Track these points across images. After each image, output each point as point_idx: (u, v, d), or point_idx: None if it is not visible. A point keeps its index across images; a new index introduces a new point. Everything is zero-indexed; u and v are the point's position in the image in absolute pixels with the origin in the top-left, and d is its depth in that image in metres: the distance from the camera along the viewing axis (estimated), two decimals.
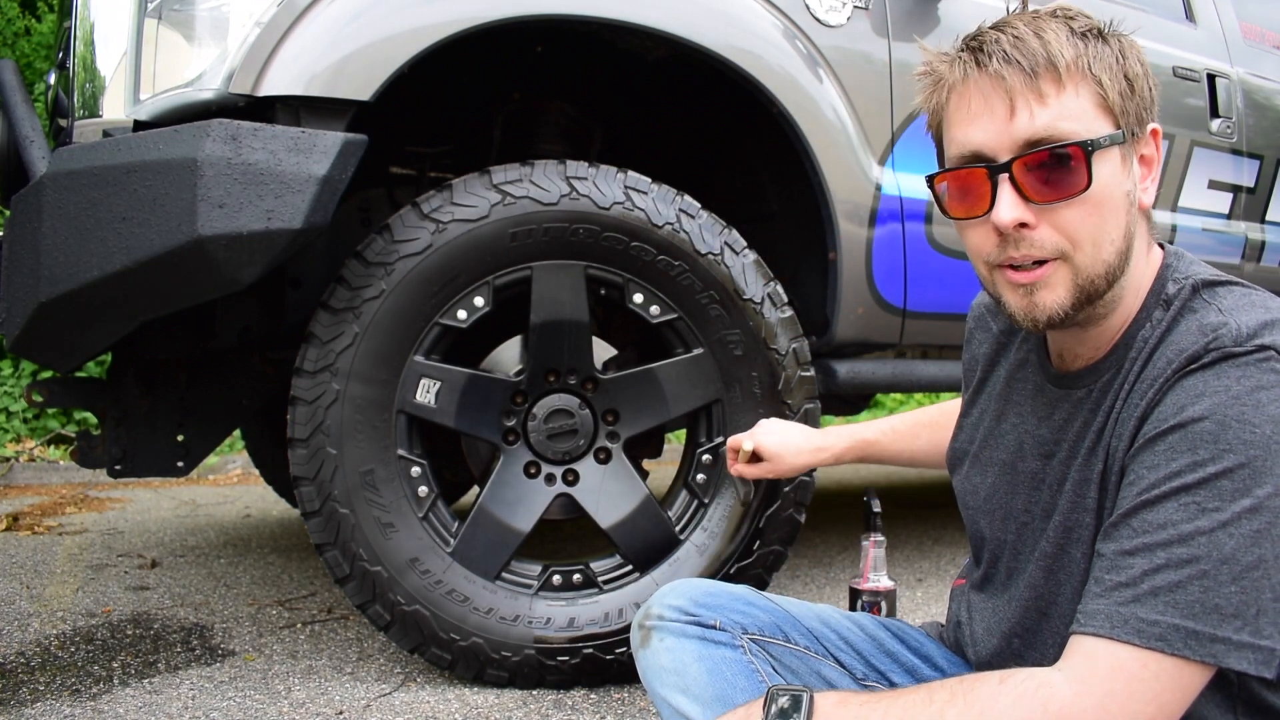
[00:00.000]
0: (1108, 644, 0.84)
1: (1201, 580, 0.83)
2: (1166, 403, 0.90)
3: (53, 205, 1.48)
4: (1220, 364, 0.88)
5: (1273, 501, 0.83)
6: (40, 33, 5.68)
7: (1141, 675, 0.83)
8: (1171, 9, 2.77)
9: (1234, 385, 0.86)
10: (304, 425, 1.67)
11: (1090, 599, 0.88)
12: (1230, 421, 0.85)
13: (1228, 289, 0.95)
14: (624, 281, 1.79)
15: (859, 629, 1.24)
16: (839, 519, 3.54)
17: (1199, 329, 0.91)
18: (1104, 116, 0.93)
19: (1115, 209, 0.93)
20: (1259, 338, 0.88)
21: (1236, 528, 0.83)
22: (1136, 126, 0.95)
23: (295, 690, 1.78)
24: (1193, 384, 0.88)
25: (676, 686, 1.11)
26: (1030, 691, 0.85)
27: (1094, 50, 0.93)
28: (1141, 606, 0.84)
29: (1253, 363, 0.87)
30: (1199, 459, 0.85)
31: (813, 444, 1.51)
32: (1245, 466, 0.83)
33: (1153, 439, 0.89)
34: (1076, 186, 0.91)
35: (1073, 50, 0.92)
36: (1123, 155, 0.94)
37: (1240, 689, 0.94)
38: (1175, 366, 0.90)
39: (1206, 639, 0.82)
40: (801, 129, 1.94)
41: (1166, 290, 0.97)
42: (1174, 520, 0.85)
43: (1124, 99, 0.94)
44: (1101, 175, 0.92)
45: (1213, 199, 2.69)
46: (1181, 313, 0.95)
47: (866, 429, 1.51)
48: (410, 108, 1.99)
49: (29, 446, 4.85)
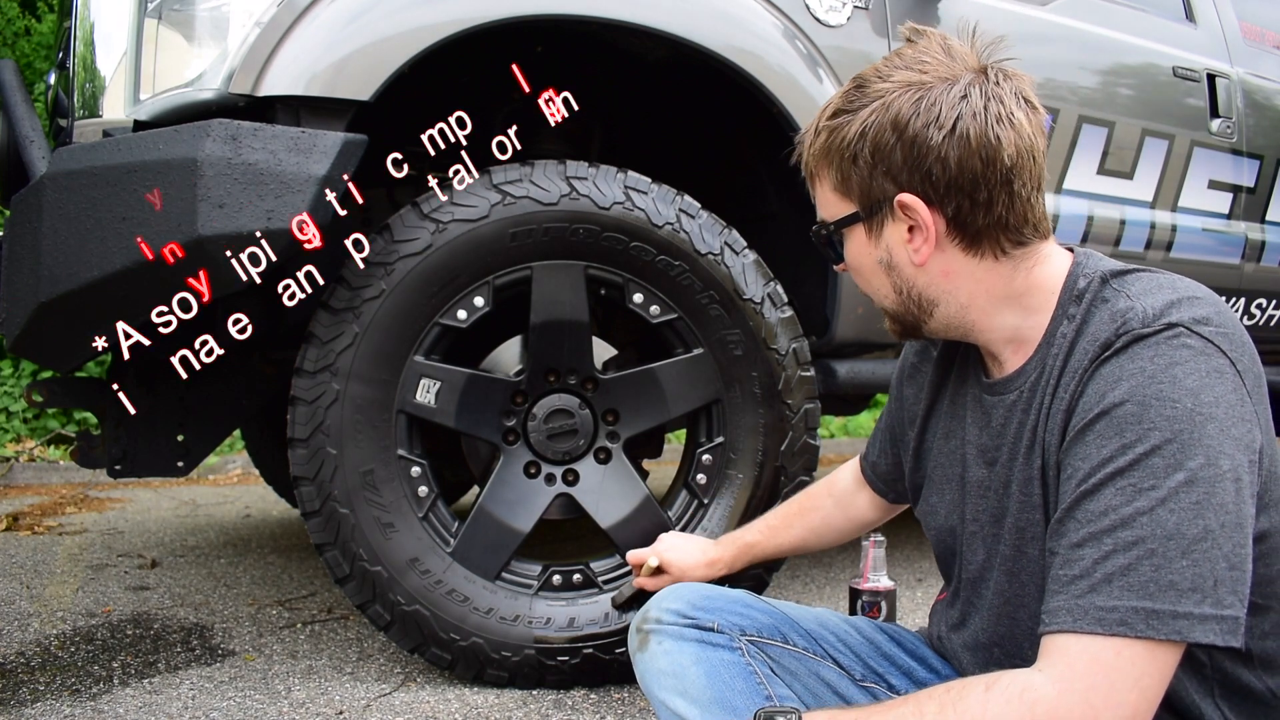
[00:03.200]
0: (1076, 638, 0.85)
1: (1150, 559, 0.84)
2: (1088, 392, 0.92)
3: (53, 205, 1.48)
4: (1132, 346, 0.90)
5: (1206, 471, 0.85)
6: (40, 33, 5.68)
7: (1117, 663, 0.84)
8: (1171, 9, 2.77)
9: (1148, 365, 0.88)
10: (304, 425, 1.67)
11: (1050, 596, 0.89)
12: (1150, 400, 0.87)
13: (1135, 276, 0.98)
14: (624, 281, 1.79)
15: (856, 632, 1.25)
16: None
17: (1109, 316, 0.94)
18: (843, 199, 1.05)
19: (873, 272, 1.07)
20: (1166, 316, 0.90)
21: (1175, 502, 0.84)
22: (881, 199, 1.01)
23: (295, 690, 1.78)
24: (1110, 370, 0.91)
25: (675, 689, 1.11)
26: (1016, 696, 0.85)
27: (835, 137, 1.02)
28: (1098, 595, 0.85)
29: (1163, 340, 0.89)
30: (1127, 441, 0.87)
31: (707, 557, 1.56)
32: (1172, 442, 0.85)
33: (1081, 430, 0.91)
34: (835, 259, 1.11)
35: (821, 141, 1.04)
36: (866, 229, 1.05)
37: (1213, 670, 0.95)
38: (1091, 356, 0.93)
39: (1168, 616, 0.83)
40: (801, 129, 1.94)
41: (1078, 286, 1.00)
42: (1114, 505, 0.86)
43: (852, 180, 1.03)
44: (849, 250, 1.08)
45: (1213, 199, 2.69)
46: (1094, 304, 0.97)
47: (748, 533, 1.56)
48: (410, 108, 1.99)
49: (29, 446, 4.85)
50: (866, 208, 1.03)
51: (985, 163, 0.96)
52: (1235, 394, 0.88)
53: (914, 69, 0.99)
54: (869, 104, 1.00)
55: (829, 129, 1.03)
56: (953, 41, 1.02)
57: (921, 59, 1.00)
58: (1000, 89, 0.98)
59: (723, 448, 1.86)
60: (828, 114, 1.04)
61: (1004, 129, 0.96)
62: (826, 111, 1.04)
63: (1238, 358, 0.90)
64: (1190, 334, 0.89)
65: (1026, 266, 1.02)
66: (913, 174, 0.98)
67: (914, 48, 1.02)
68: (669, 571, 1.56)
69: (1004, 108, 0.97)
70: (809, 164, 1.08)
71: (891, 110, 0.98)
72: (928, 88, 0.98)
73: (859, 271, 1.09)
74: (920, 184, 0.99)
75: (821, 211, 1.09)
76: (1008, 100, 0.97)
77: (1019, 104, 0.98)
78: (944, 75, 0.98)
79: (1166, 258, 2.57)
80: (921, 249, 1.01)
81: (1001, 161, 0.96)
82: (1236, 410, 0.87)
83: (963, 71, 0.98)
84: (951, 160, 0.96)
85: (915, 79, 0.98)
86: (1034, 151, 0.98)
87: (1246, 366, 0.90)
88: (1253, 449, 0.88)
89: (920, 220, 1.00)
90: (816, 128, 1.05)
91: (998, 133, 0.96)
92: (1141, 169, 2.52)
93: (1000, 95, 0.97)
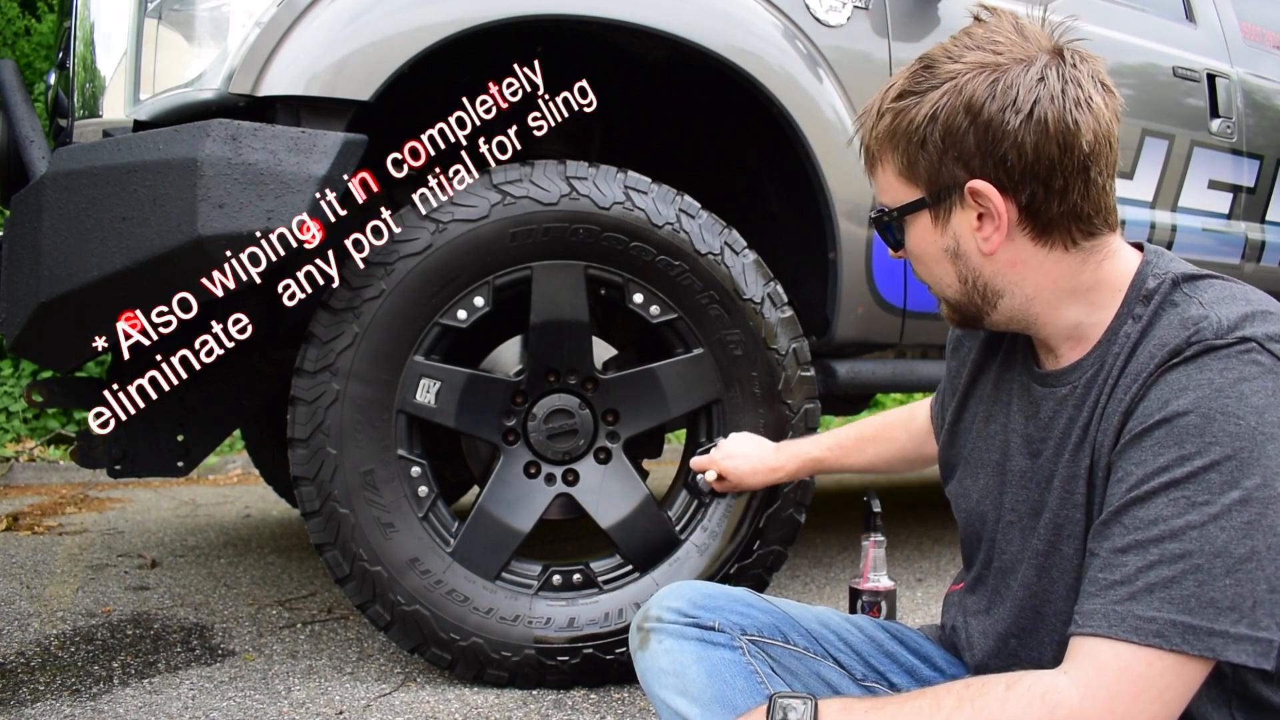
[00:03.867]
0: (1109, 644, 0.84)
1: (1195, 574, 0.83)
2: (1151, 397, 0.90)
3: (53, 205, 1.48)
4: (1202, 357, 0.88)
5: (1261, 492, 0.83)
6: (40, 33, 5.68)
7: (1146, 674, 0.83)
8: (1171, 9, 2.77)
9: (1217, 378, 0.86)
10: (304, 425, 1.67)
11: (1086, 599, 0.88)
12: (1215, 414, 0.85)
13: (1208, 283, 0.96)
14: (624, 281, 1.79)
15: (858, 630, 1.24)
16: (839, 519, 3.53)
17: (1180, 323, 0.92)
18: (908, 185, 1.01)
19: (937, 261, 1.04)
20: (1240, 330, 0.88)
21: (1227, 520, 0.83)
22: (950, 185, 0.98)
23: (295, 690, 1.78)
24: (1176, 378, 0.89)
25: (675, 688, 1.11)
26: (1038, 697, 0.84)
27: (902, 119, 0.98)
28: (1137, 604, 0.84)
29: (1234, 355, 0.87)
30: (1186, 453, 0.85)
31: (767, 465, 1.59)
32: (1232, 459, 0.84)
33: (1139, 434, 0.89)
34: (894, 245, 1.08)
35: (885, 124, 1.00)
36: (933, 216, 1.01)
37: (1235, 683, 0.94)
38: (1158, 361, 0.91)
39: (1204, 633, 0.82)
40: (801, 129, 1.94)
41: (1147, 286, 0.97)
42: (1164, 515, 0.85)
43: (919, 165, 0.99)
44: (911, 236, 1.04)
45: (1213, 199, 2.69)
46: (1162, 307, 0.95)
47: (814, 446, 1.57)
48: (410, 107, 1.99)
49: (29, 446, 4.85)
50: (934, 194, 0.99)
51: (1063, 148, 0.93)
52: None
53: (987, 49, 0.95)
54: (940, 85, 0.95)
55: (894, 111, 0.99)
56: (1025, 21, 0.98)
57: (994, 39, 0.96)
58: (1078, 71, 0.94)
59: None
60: (893, 95, 0.99)
61: (1082, 113, 0.93)
62: (891, 92, 1.00)
63: None
64: (1263, 351, 0.87)
65: (1096, 260, 0.99)
66: (986, 159, 0.95)
67: (984, 27, 0.98)
68: (729, 479, 1.60)
69: (1082, 91, 0.93)
70: (870, 146, 1.03)
71: (965, 92, 0.94)
72: (1003, 69, 0.94)
73: (921, 259, 1.05)
74: (994, 170, 0.95)
75: (882, 196, 1.05)
76: (1085, 83, 0.94)
77: (1096, 87, 0.94)
78: (1019, 56, 0.94)
79: None
80: (992, 238, 0.98)
81: (1080, 147, 0.93)
82: None
83: (1038, 53, 0.95)
84: (1028, 146, 0.93)
85: (989, 60, 0.94)
86: (1110, 137, 0.95)
87: None
88: None
89: (992, 208, 0.96)
90: (879, 109, 1.01)
91: (1076, 117, 0.93)
92: (1141, 169, 2.52)
93: (1078, 78, 0.94)
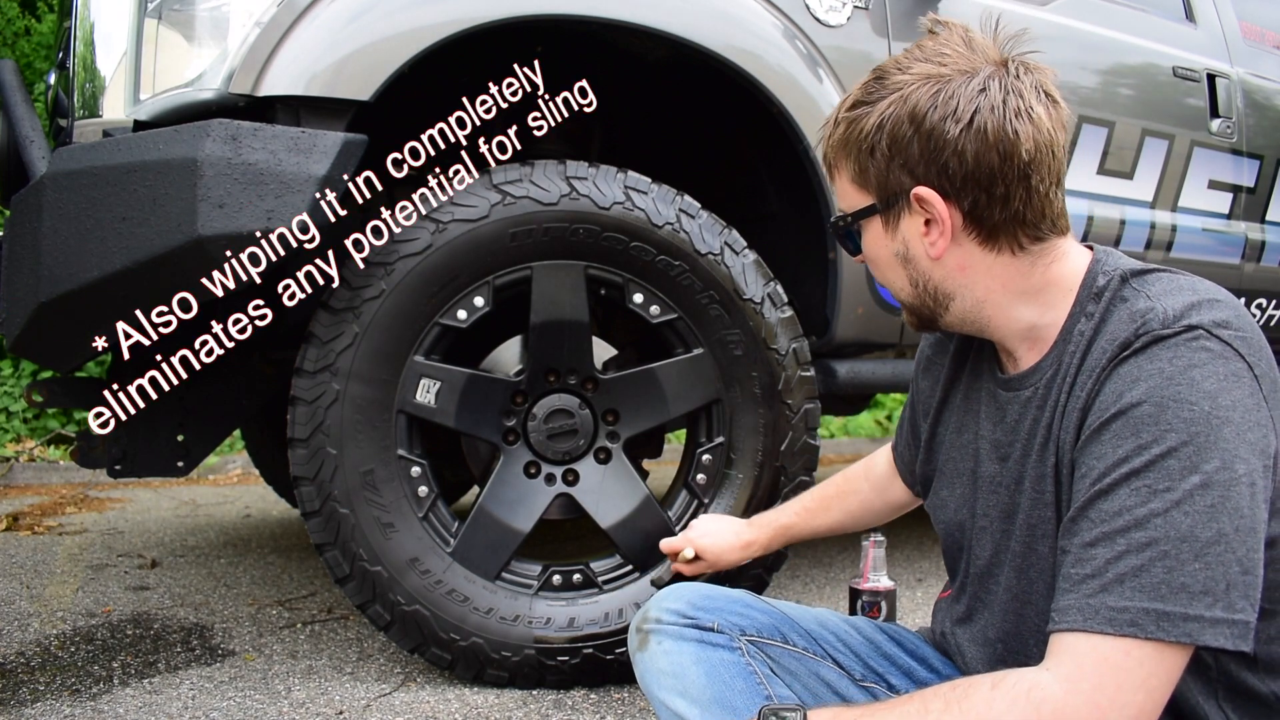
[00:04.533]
0: (1086, 637, 0.85)
1: (1164, 561, 0.84)
2: (1105, 391, 0.92)
3: (53, 205, 1.48)
4: (1151, 347, 0.90)
5: (1221, 475, 0.84)
6: (40, 33, 5.68)
7: (1125, 664, 0.83)
8: (1171, 9, 2.77)
9: (1167, 366, 0.88)
10: (304, 425, 1.67)
11: (1061, 595, 0.89)
12: (1168, 402, 0.87)
13: (1155, 276, 0.98)
14: (624, 281, 1.79)
15: (856, 632, 1.25)
16: None
17: (1129, 316, 0.94)
18: (860, 191, 1.05)
19: (889, 265, 1.07)
20: (1186, 318, 0.90)
21: (1190, 505, 0.84)
22: (898, 192, 1.01)
23: (295, 690, 1.78)
24: (1128, 370, 0.91)
25: (675, 689, 1.11)
26: (1023, 694, 0.85)
27: (853, 129, 1.02)
28: (1110, 595, 0.85)
29: (1182, 342, 0.89)
30: (1143, 442, 0.87)
31: (741, 540, 1.57)
32: (1188, 444, 0.85)
33: (1097, 429, 0.91)
34: (853, 250, 1.11)
35: (840, 133, 1.04)
36: (884, 221, 1.04)
37: (1219, 672, 0.95)
38: (1109, 355, 0.93)
39: (1179, 618, 0.83)
40: (801, 129, 1.94)
41: (1097, 283, 0.99)
42: (1128, 506, 0.86)
43: (869, 172, 1.02)
44: (866, 241, 1.08)
45: (1213, 199, 2.69)
46: (1113, 303, 0.97)
47: (783, 515, 1.57)
48: (410, 107, 1.99)
49: (29, 446, 4.85)
50: (883, 200, 1.03)
51: (1002, 157, 0.95)
52: (1252, 398, 0.88)
53: (934, 61, 0.98)
54: (887, 96, 0.99)
55: (848, 120, 1.02)
56: (974, 34, 1.00)
57: (942, 51, 0.99)
58: (1020, 82, 0.96)
59: (723, 448, 1.86)
60: (847, 105, 1.03)
61: (1022, 123, 0.95)
62: (846, 103, 1.04)
63: (1255, 362, 0.89)
64: (1210, 337, 0.88)
65: (1044, 263, 1.01)
66: (929, 167, 0.98)
67: (935, 40, 1.01)
68: (704, 558, 1.58)
69: (1023, 101, 0.96)
70: (828, 155, 1.08)
71: (909, 102, 0.97)
72: (946, 80, 0.97)
73: (875, 263, 1.09)
74: (936, 177, 0.98)
75: (840, 202, 1.09)
76: (1027, 94, 0.96)
77: (1039, 97, 0.97)
78: (963, 68, 0.97)
79: (1166, 258, 2.57)
80: (937, 242, 1.01)
81: (1019, 156, 0.95)
82: (1253, 415, 0.87)
83: (982, 64, 0.97)
84: (968, 154, 0.96)
85: (934, 71, 0.97)
86: (1053, 146, 0.97)
87: (1264, 371, 0.90)
88: (1268, 454, 0.88)
89: (936, 214, 0.99)
90: (836, 119, 1.05)
91: (1015, 127, 0.95)
92: (1141, 169, 2.52)
93: (1019, 89, 0.96)
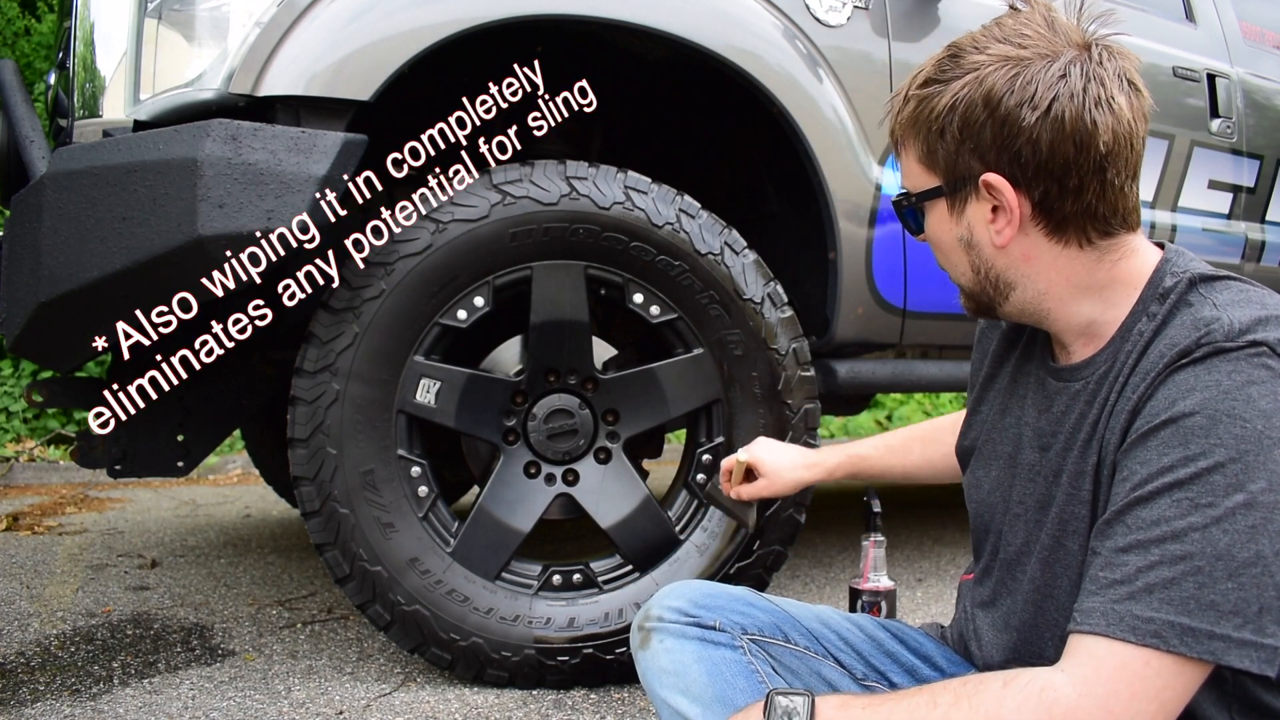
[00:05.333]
0: (1107, 642, 0.84)
1: (1196, 576, 0.82)
2: (1158, 397, 0.89)
3: (53, 205, 1.48)
4: (1212, 359, 0.87)
5: (1266, 497, 0.83)
6: (40, 33, 5.68)
7: (1143, 674, 0.82)
8: (1171, 9, 2.77)
9: (1225, 380, 0.86)
10: (304, 425, 1.67)
11: (1086, 596, 0.88)
12: (1221, 416, 0.84)
13: (1224, 284, 0.95)
14: (624, 281, 1.79)
15: (858, 629, 1.24)
16: (839, 519, 3.53)
17: (1192, 323, 0.91)
18: (928, 172, 1.02)
19: (952, 249, 1.04)
20: (1251, 333, 0.87)
21: (1230, 523, 0.82)
22: (966, 176, 0.98)
23: (295, 690, 1.78)
24: (1184, 378, 0.88)
25: (676, 688, 1.11)
26: (1034, 694, 0.84)
27: (924, 107, 0.98)
28: (1136, 603, 0.84)
29: (1244, 358, 0.86)
30: (1190, 453, 0.85)
31: (807, 460, 1.50)
32: (1237, 461, 0.83)
33: (1145, 434, 0.89)
34: (914, 229, 1.08)
35: (909, 110, 1.00)
36: (949, 205, 1.01)
37: (1235, 686, 0.93)
38: (1167, 360, 0.90)
39: (1204, 635, 0.82)
40: (801, 129, 1.94)
41: (1164, 284, 0.97)
42: (1167, 516, 0.84)
43: (938, 153, 0.99)
44: (929, 223, 1.05)
45: (1213, 199, 2.69)
46: (1177, 307, 0.94)
47: (860, 445, 1.51)
48: (410, 107, 1.99)
49: (29, 446, 4.85)
50: (950, 183, 0.99)
51: (1079, 148, 0.92)
52: None
53: (1013, 42, 0.94)
54: (962, 75, 0.95)
55: (918, 98, 0.98)
56: (1057, 13, 0.96)
57: (1022, 31, 0.94)
58: (1102, 69, 0.92)
59: (723, 448, 1.86)
60: (919, 82, 0.99)
61: (1102, 113, 0.91)
62: (918, 79, 0.99)
63: None
64: (1273, 355, 0.86)
65: (1112, 259, 0.98)
66: (1001, 154, 0.94)
67: (1015, 18, 0.97)
68: (761, 472, 1.49)
69: (1104, 90, 0.91)
70: (895, 131, 1.04)
71: (985, 85, 0.93)
72: (1025, 64, 0.92)
73: (938, 246, 1.06)
74: (1008, 165, 0.94)
75: (905, 181, 1.06)
76: (1109, 82, 0.92)
77: (1121, 86, 0.92)
78: (1044, 51, 0.93)
79: None
80: (1004, 231, 0.97)
81: (1096, 148, 0.92)
82: None
83: (1064, 47, 0.93)
84: (1043, 143, 0.92)
85: (1013, 53, 0.93)
86: (1132, 138, 0.93)
87: None
88: None
89: (1005, 202, 0.96)
90: (906, 94, 1.00)
91: (1095, 117, 0.91)
92: (1141, 169, 2.52)
93: (1101, 76, 0.92)
